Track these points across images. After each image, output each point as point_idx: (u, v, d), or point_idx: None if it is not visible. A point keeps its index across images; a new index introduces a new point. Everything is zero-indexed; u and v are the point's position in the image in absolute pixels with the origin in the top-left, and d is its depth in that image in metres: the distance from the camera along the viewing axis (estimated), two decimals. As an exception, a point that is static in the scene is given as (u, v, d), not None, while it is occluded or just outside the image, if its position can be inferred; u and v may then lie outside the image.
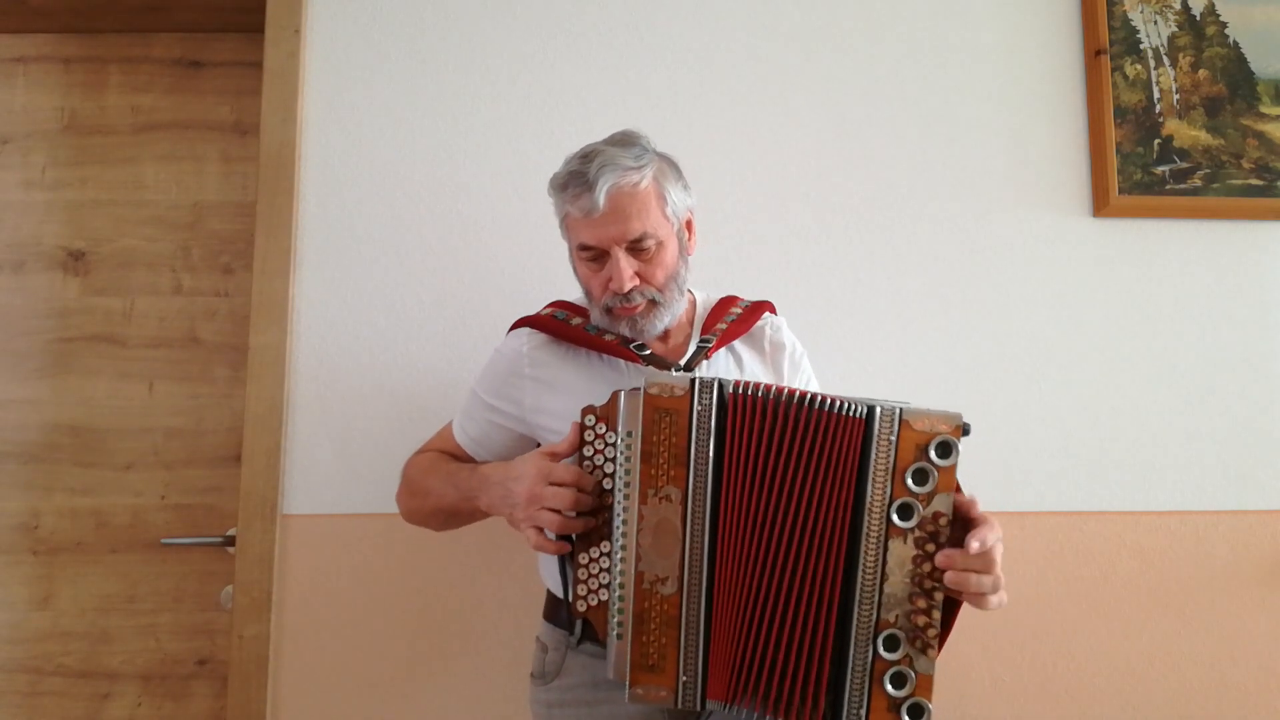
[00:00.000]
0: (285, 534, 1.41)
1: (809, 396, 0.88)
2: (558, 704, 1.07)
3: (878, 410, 0.85)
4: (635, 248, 1.02)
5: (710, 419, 0.88)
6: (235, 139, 1.64)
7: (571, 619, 1.04)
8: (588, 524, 0.92)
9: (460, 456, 1.14)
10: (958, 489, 0.86)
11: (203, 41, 1.66)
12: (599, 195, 0.98)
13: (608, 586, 0.92)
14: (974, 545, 0.82)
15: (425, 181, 1.50)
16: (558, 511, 0.91)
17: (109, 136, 1.63)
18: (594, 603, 0.92)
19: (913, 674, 0.84)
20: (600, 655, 1.03)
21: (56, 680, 1.52)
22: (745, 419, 0.89)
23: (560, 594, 1.06)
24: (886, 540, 0.84)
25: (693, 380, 0.89)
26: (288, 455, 1.43)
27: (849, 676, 0.84)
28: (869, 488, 0.84)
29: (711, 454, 0.88)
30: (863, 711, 0.84)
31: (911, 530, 0.84)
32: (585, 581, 0.93)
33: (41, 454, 1.56)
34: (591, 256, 1.04)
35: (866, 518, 0.84)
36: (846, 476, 0.86)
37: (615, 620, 0.90)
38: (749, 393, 0.89)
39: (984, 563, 0.83)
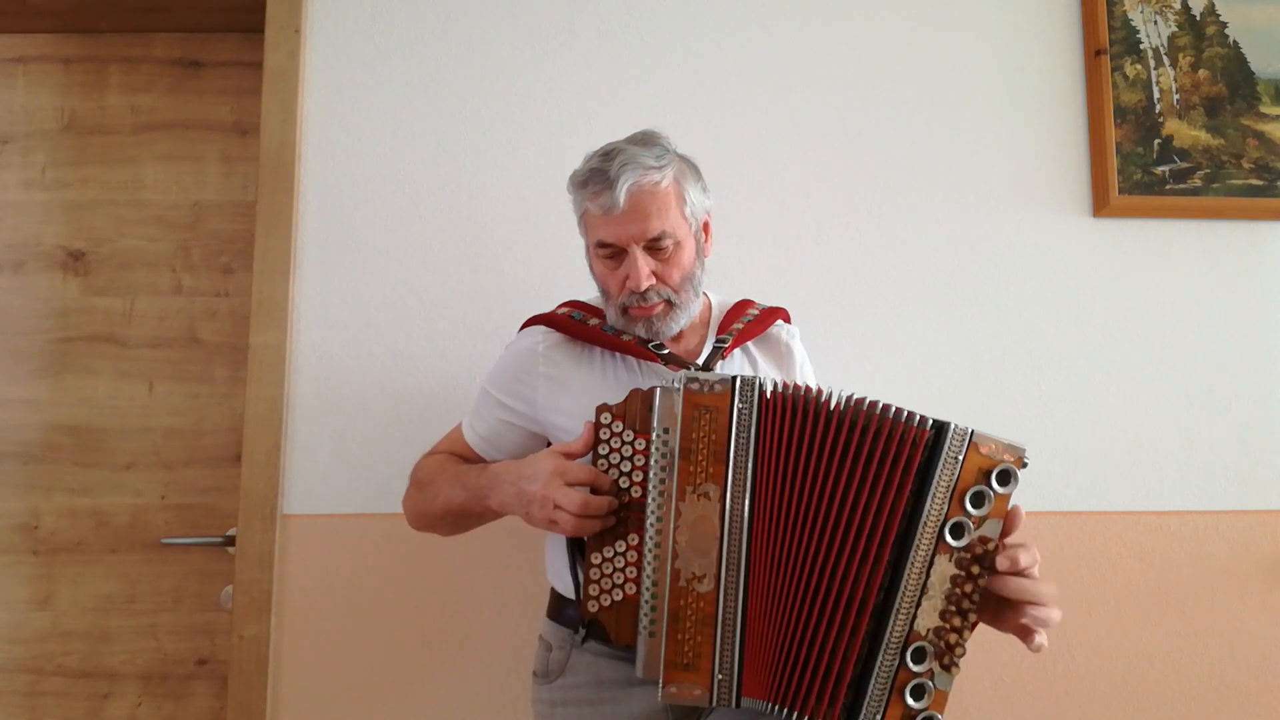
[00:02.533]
0: (285, 534, 1.41)
1: (868, 401, 0.87)
2: (560, 702, 1.07)
3: (950, 428, 0.85)
4: (653, 247, 1.03)
5: (751, 417, 0.89)
6: (235, 139, 1.64)
7: (578, 618, 1.04)
8: (605, 523, 0.91)
9: (470, 457, 1.13)
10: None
11: (203, 41, 1.66)
12: (619, 193, 0.99)
13: (622, 587, 0.91)
14: (1025, 559, 0.83)
15: (425, 181, 1.50)
16: (573, 514, 0.90)
17: (109, 136, 1.63)
18: (606, 603, 0.92)
19: (932, 687, 0.84)
20: (605, 654, 1.04)
21: (56, 680, 1.52)
22: (784, 418, 0.89)
23: (569, 594, 1.06)
24: (934, 555, 0.84)
25: (734, 378, 0.89)
26: (288, 455, 1.43)
27: (872, 682, 0.84)
28: (928, 501, 0.84)
29: (752, 451, 0.89)
30: (879, 718, 0.84)
31: (959, 550, 0.84)
32: (597, 582, 0.92)
33: (41, 454, 1.56)
34: (609, 254, 1.05)
35: (920, 530, 0.84)
36: (903, 486, 0.85)
37: (647, 619, 0.89)
38: (787, 392, 0.89)
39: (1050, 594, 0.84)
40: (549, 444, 1.12)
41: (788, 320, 1.22)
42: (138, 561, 1.55)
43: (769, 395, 0.90)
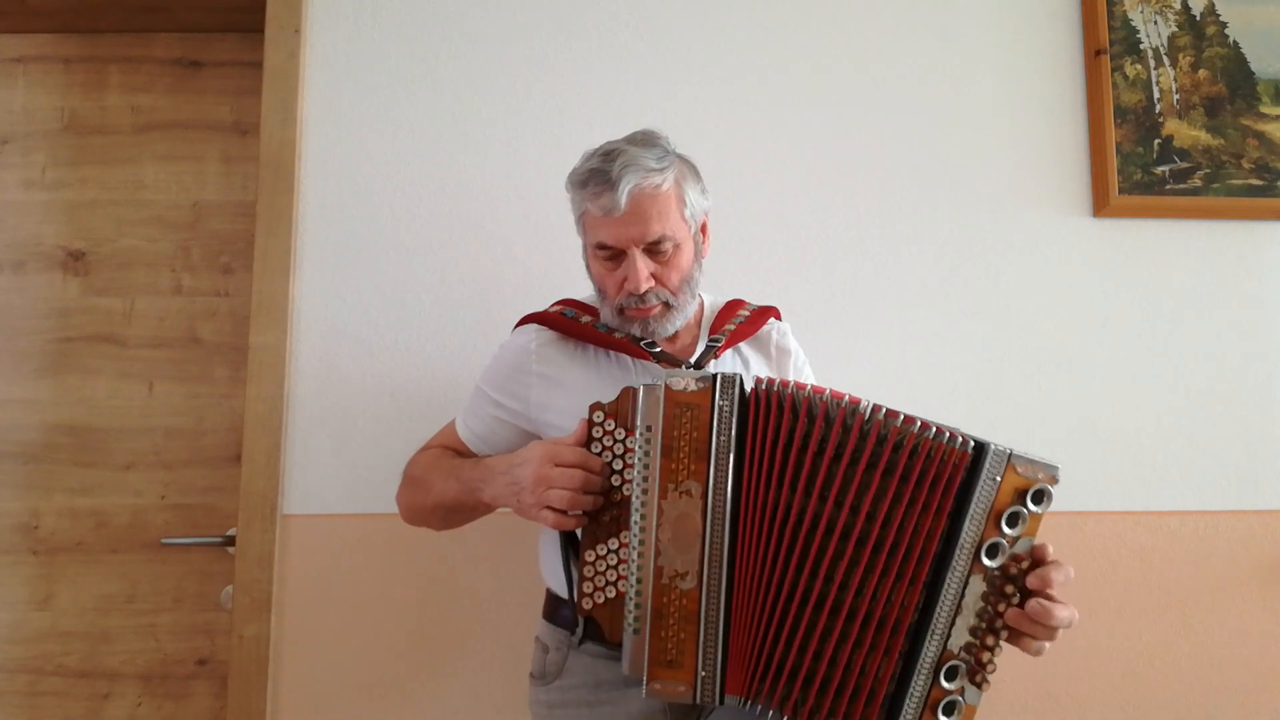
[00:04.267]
0: (285, 534, 1.41)
1: (902, 417, 0.85)
2: (558, 704, 1.07)
3: (989, 449, 0.84)
4: (653, 249, 1.02)
5: (733, 414, 0.88)
6: (235, 139, 1.64)
7: (574, 618, 1.04)
8: (596, 502, 0.91)
9: (464, 453, 1.13)
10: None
11: (203, 41, 1.66)
12: (621, 195, 0.98)
13: (615, 584, 0.91)
14: (1058, 577, 0.83)
15: (425, 181, 1.50)
16: (567, 491, 0.90)
17: (109, 136, 1.63)
18: (600, 600, 0.92)
19: (963, 703, 0.85)
20: (603, 655, 1.03)
21: (56, 680, 1.52)
22: (771, 415, 0.88)
23: (563, 593, 1.06)
24: (969, 575, 0.84)
25: (714, 376, 0.89)
26: (288, 455, 1.43)
27: (907, 700, 0.85)
28: (965, 523, 0.84)
29: (734, 449, 0.88)
30: None
31: (994, 569, 0.85)
32: (591, 579, 0.92)
33: (41, 454, 1.56)
34: (608, 256, 1.04)
35: (957, 552, 0.84)
36: (943, 508, 0.84)
37: (632, 616, 0.89)
38: (773, 389, 0.89)
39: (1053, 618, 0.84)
40: None
41: (778, 318, 1.22)
42: (138, 561, 1.55)
43: (753, 392, 0.89)
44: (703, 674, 0.88)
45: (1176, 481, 1.51)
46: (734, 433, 0.89)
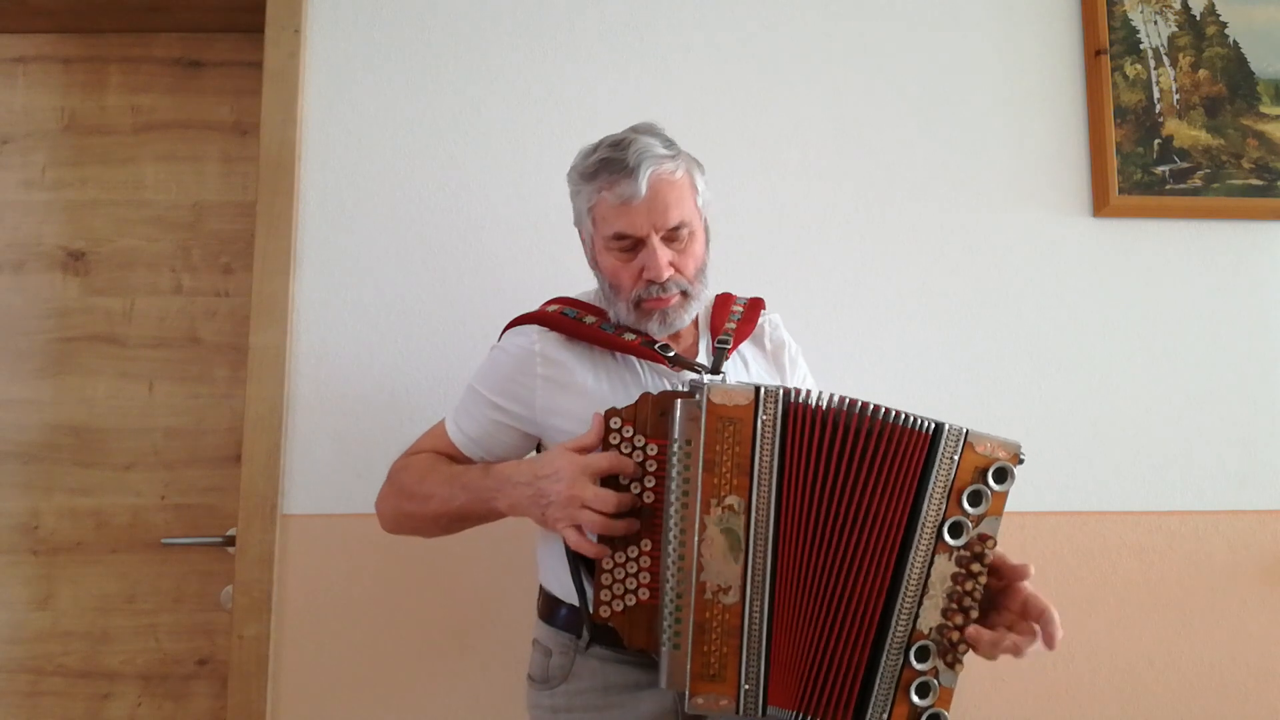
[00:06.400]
0: (285, 534, 1.41)
1: (870, 406, 0.87)
2: (564, 709, 1.05)
3: (945, 429, 0.86)
4: (671, 236, 1.01)
5: (775, 428, 0.88)
6: (235, 139, 1.64)
7: (581, 622, 1.02)
8: (630, 527, 0.90)
9: (455, 456, 1.10)
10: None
11: (203, 41, 1.66)
12: (641, 181, 0.97)
13: (635, 592, 0.90)
14: (995, 642, 0.84)
15: (425, 181, 1.50)
16: (599, 516, 0.89)
17: (109, 136, 1.63)
18: (619, 608, 0.90)
19: (936, 685, 0.86)
20: (611, 659, 1.02)
21: (56, 680, 1.52)
22: (805, 428, 0.88)
23: (568, 599, 1.04)
24: (933, 555, 0.86)
25: (757, 389, 0.89)
26: (288, 455, 1.43)
27: (878, 682, 0.86)
28: (925, 503, 0.86)
29: (775, 463, 0.88)
30: (885, 717, 0.86)
31: (958, 549, 0.86)
32: (609, 587, 0.91)
33: (41, 454, 1.56)
34: (626, 246, 1.02)
35: (919, 530, 0.86)
36: (905, 489, 0.86)
37: (671, 630, 0.88)
38: (807, 402, 0.89)
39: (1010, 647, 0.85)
40: (540, 446, 1.10)
41: (764, 308, 1.20)
42: (138, 561, 1.55)
43: (792, 405, 0.89)
44: (746, 687, 0.88)
45: (1176, 481, 1.52)
46: (777, 447, 0.88)
